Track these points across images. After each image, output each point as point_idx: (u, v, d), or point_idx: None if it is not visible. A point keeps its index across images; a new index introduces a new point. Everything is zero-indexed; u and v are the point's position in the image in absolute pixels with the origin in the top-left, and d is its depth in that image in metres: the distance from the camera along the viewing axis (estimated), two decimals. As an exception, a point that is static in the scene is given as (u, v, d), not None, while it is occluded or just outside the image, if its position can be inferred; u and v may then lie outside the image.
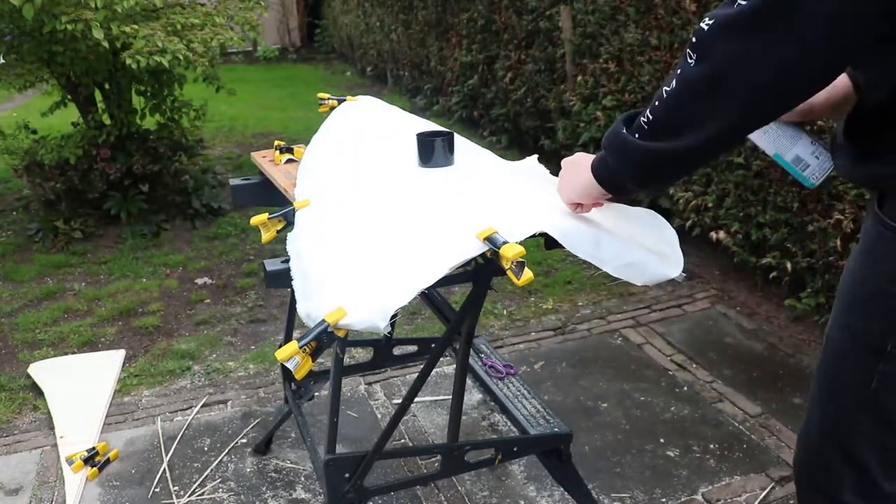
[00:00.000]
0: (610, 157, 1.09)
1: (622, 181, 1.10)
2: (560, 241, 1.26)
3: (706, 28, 0.93)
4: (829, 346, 1.16)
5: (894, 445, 1.11)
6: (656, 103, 1.00)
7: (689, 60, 0.94)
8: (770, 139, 1.29)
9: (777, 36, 0.87)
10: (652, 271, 1.27)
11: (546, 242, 1.32)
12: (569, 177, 1.23)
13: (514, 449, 1.71)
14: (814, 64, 0.89)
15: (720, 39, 0.92)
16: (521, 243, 1.20)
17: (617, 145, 1.07)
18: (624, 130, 1.05)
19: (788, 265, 2.83)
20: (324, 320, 1.14)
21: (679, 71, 0.96)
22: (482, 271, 1.38)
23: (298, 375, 1.14)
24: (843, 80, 1.17)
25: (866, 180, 1.08)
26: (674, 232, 1.33)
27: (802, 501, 1.28)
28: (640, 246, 1.29)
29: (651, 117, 1.01)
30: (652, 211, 1.38)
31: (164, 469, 2.19)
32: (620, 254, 1.26)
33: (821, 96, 1.11)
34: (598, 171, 1.13)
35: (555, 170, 1.36)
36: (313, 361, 1.16)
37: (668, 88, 0.98)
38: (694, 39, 0.94)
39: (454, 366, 1.76)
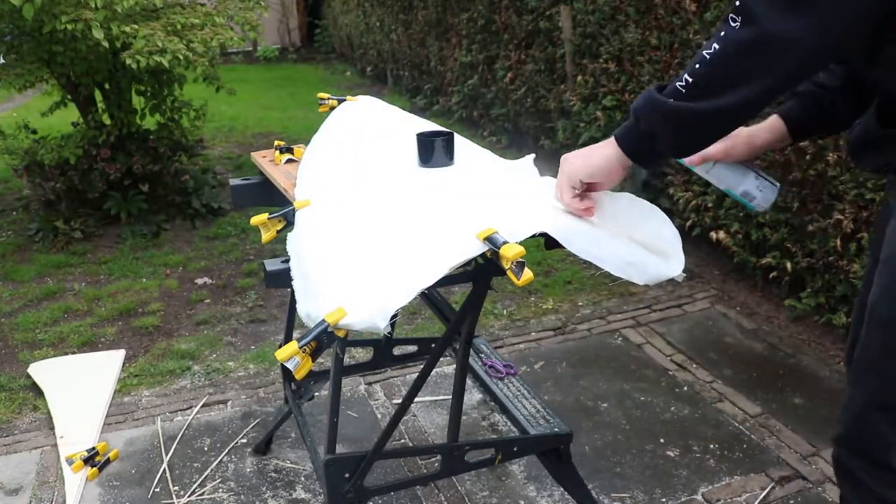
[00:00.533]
0: (643, 121, 1.09)
1: (653, 145, 1.10)
2: (561, 242, 1.26)
3: (734, 21, 0.99)
4: (876, 315, 1.19)
5: None
6: (697, 66, 1.03)
7: (734, 24, 0.98)
8: (720, 177, 1.44)
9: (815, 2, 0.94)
10: (653, 270, 1.27)
11: (546, 242, 1.32)
12: (582, 160, 1.21)
13: (514, 449, 1.71)
14: (843, 28, 0.96)
15: (764, 3, 0.96)
16: (521, 243, 1.20)
17: (651, 109, 1.07)
18: (658, 95, 1.06)
19: (788, 265, 2.83)
20: (324, 320, 1.14)
21: (722, 34, 1.00)
22: (482, 271, 1.38)
23: (298, 375, 1.14)
24: (766, 126, 1.32)
25: (881, 164, 1.15)
26: (675, 231, 1.33)
27: (844, 479, 1.32)
28: (640, 245, 1.29)
29: (691, 80, 1.03)
30: (653, 206, 1.37)
31: (164, 469, 2.19)
32: (621, 253, 1.26)
33: (740, 138, 1.32)
34: (624, 138, 1.14)
35: (555, 171, 1.36)
36: (313, 361, 1.16)
37: (709, 51, 1.01)
38: (738, 3, 0.98)
39: (454, 366, 1.76)
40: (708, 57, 1.01)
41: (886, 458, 1.20)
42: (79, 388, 2.57)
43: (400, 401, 2.25)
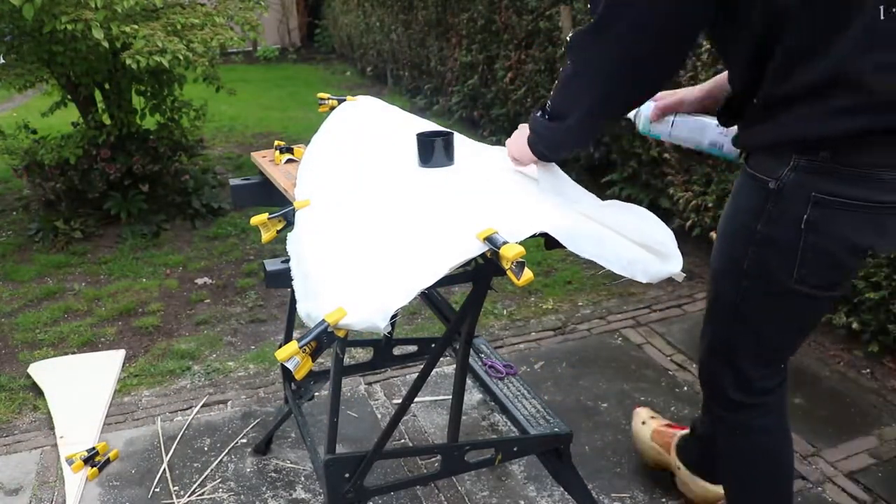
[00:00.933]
0: (531, 133, 1.44)
1: (538, 149, 1.43)
2: (562, 242, 1.26)
3: (569, 39, 1.30)
4: (712, 273, 1.49)
5: (760, 350, 1.49)
6: (552, 93, 1.37)
7: (567, 63, 1.32)
8: (684, 136, 1.58)
9: (609, 39, 1.24)
10: (655, 269, 1.28)
11: (546, 242, 1.32)
12: (517, 142, 1.51)
13: (514, 449, 1.71)
14: (636, 57, 1.25)
15: (576, 46, 1.29)
16: (521, 243, 1.20)
17: (533, 125, 1.43)
18: (538, 114, 1.40)
19: (788, 265, 2.83)
20: (324, 320, 1.14)
21: (561, 72, 1.34)
22: (482, 271, 1.39)
23: (298, 376, 1.15)
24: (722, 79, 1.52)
25: (740, 146, 1.41)
26: (668, 231, 1.34)
27: (705, 401, 1.68)
28: (638, 245, 1.30)
29: (549, 105, 1.37)
30: (646, 211, 1.38)
31: (164, 469, 2.19)
32: (623, 252, 1.27)
33: (693, 95, 1.57)
34: (529, 142, 1.45)
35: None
36: (313, 361, 1.16)
37: (556, 85, 1.36)
38: (564, 48, 1.34)
39: (454, 366, 1.76)
40: (553, 91, 1.36)
41: (721, 387, 1.55)
42: (79, 388, 2.57)
43: (400, 401, 2.25)
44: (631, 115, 1.61)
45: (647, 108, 1.60)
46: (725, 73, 1.44)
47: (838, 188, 1.22)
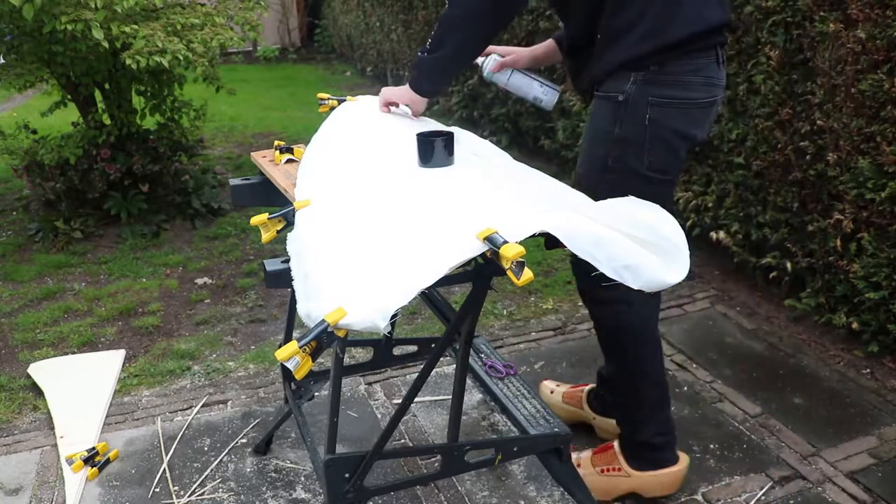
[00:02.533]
0: (414, 71, 1.81)
1: (420, 82, 1.81)
2: (562, 241, 1.26)
3: None
4: (577, 178, 1.85)
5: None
6: (432, 32, 1.73)
7: (447, 8, 1.71)
8: (515, 87, 2.04)
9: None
10: (649, 275, 1.26)
11: (546, 242, 1.32)
12: (394, 89, 1.88)
13: (514, 449, 1.71)
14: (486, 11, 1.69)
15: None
16: (521, 243, 1.20)
17: (417, 63, 1.79)
18: (419, 53, 1.78)
19: (788, 265, 2.83)
20: (324, 320, 1.14)
21: (441, 16, 1.72)
22: (482, 271, 1.39)
23: (298, 375, 1.15)
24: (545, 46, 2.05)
25: (587, 84, 1.82)
26: (677, 227, 1.33)
27: (578, 287, 1.97)
28: (642, 246, 1.29)
29: (429, 41, 1.74)
30: (657, 206, 1.37)
31: (164, 469, 2.19)
32: (619, 254, 1.26)
33: (526, 52, 2.06)
34: (411, 82, 1.82)
35: (554, 171, 1.36)
36: (313, 361, 1.16)
37: (435, 26, 1.72)
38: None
39: (454, 366, 1.76)
40: (434, 29, 1.73)
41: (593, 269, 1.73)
42: (79, 388, 2.57)
43: (400, 401, 2.25)
44: (479, 61, 2.04)
45: (492, 61, 2.04)
46: (549, 41, 2.04)
47: (664, 91, 1.69)
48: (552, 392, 2.33)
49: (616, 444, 2.00)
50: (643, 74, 1.69)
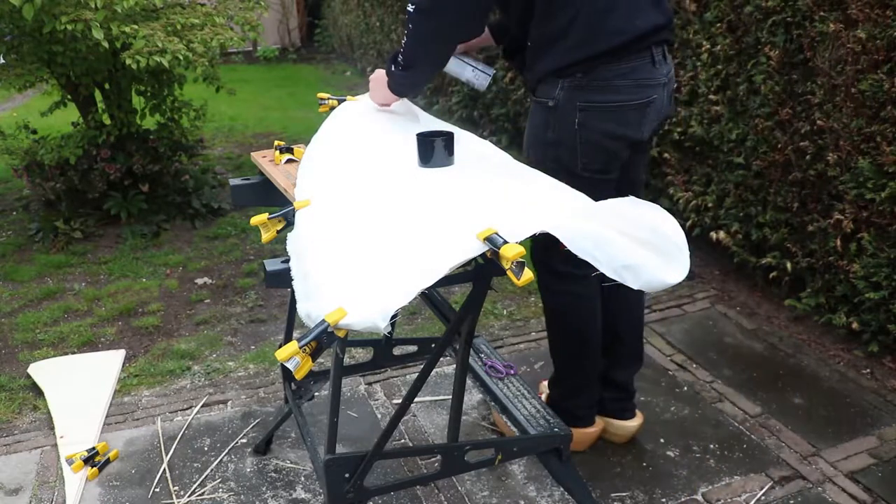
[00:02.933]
0: (390, 81, 1.87)
1: (398, 90, 1.88)
2: (562, 241, 1.25)
3: (411, 10, 1.74)
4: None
5: None
6: (403, 49, 1.78)
7: (411, 28, 1.75)
8: (450, 70, 2.07)
9: (441, 17, 1.71)
10: (648, 276, 1.25)
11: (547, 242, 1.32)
12: (378, 89, 1.94)
13: (514, 449, 1.71)
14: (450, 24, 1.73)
15: (416, 20, 1.74)
16: (521, 243, 1.20)
17: (391, 76, 1.86)
18: (392, 67, 1.83)
19: (788, 265, 2.83)
20: (324, 320, 1.14)
21: (407, 34, 1.76)
22: (482, 271, 1.39)
23: (298, 376, 1.15)
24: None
25: (529, 83, 1.87)
26: (679, 230, 1.32)
27: (537, 277, 2.00)
28: (642, 247, 1.28)
29: (402, 58, 1.79)
30: (658, 207, 1.36)
31: (164, 469, 2.19)
32: (618, 255, 1.25)
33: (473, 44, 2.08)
34: (390, 87, 1.88)
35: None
36: (313, 361, 1.16)
37: (406, 42, 1.77)
38: (406, 17, 1.75)
39: (454, 366, 1.76)
40: (401, 49, 1.78)
41: (551, 263, 1.94)
42: (79, 388, 2.57)
43: (400, 401, 2.25)
44: None
45: None
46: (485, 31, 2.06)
47: (592, 97, 1.74)
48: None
49: (543, 397, 2.19)
50: (569, 80, 1.74)
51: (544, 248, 1.95)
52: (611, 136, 1.78)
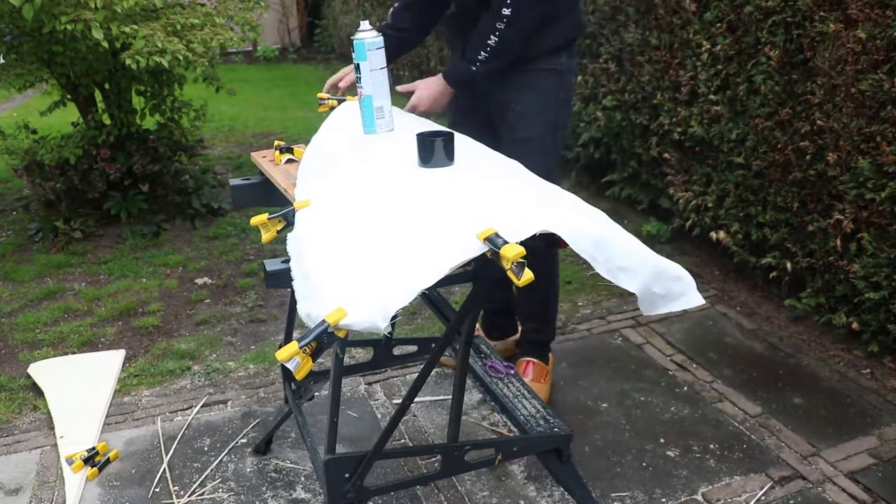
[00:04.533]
0: (461, 75, 2.14)
1: (456, 81, 2.17)
2: (563, 237, 1.26)
3: (509, 13, 1.99)
4: (531, 141, 2.19)
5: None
6: (486, 49, 2.04)
7: (500, 26, 2.01)
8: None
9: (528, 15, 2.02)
10: (645, 275, 1.26)
11: (546, 242, 1.32)
12: (431, 96, 2.24)
13: (514, 449, 1.71)
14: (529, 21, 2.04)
15: (513, 20, 2.01)
16: (521, 243, 1.20)
17: (463, 68, 2.12)
18: (469, 64, 2.09)
19: (788, 265, 2.83)
20: (324, 320, 1.14)
21: (497, 32, 2.02)
22: (482, 271, 1.39)
23: (299, 376, 1.15)
24: None
25: (528, 55, 2.14)
26: (686, 275, 1.33)
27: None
28: (642, 247, 1.29)
29: (480, 53, 2.05)
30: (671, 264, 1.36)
31: (164, 469, 2.19)
32: (617, 256, 1.26)
33: None
34: (450, 75, 2.18)
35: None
36: (313, 362, 1.16)
37: (490, 41, 2.04)
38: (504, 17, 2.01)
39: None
40: (490, 44, 2.03)
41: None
42: (79, 388, 2.57)
43: (400, 401, 2.25)
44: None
45: None
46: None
47: (574, 63, 2.24)
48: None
49: (531, 358, 2.45)
50: (567, 52, 2.19)
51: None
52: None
